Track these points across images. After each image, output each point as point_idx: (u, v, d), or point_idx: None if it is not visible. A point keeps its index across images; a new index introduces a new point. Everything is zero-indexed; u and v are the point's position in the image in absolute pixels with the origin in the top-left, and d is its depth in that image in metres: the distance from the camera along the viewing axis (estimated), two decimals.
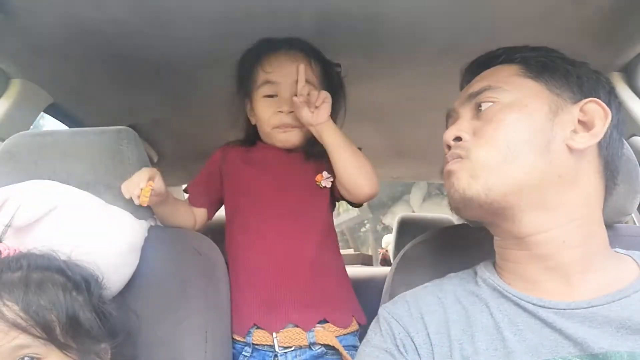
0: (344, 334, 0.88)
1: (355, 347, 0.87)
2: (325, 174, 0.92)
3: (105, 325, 0.62)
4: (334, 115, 0.93)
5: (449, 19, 0.85)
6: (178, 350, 0.71)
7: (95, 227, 0.72)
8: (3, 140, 0.90)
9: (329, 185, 0.92)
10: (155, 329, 0.72)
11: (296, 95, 0.88)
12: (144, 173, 0.77)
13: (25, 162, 0.80)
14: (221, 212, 1.01)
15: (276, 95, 0.91)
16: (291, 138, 0.92)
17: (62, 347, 0.57)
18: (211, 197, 0.97)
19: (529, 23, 0.85)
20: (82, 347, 0.59)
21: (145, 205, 0.76)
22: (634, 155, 0.72)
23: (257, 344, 0.85)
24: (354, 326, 0.90)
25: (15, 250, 0.63)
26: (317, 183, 0.92)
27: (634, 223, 1.09)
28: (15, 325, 0.54)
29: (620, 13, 0.82)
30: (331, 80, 0.95)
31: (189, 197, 0.97)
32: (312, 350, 0.84)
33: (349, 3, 0.82)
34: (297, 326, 0.84)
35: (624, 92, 0.99)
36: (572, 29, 0.87)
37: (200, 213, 0.96)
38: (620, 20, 0.84)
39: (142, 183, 0.75)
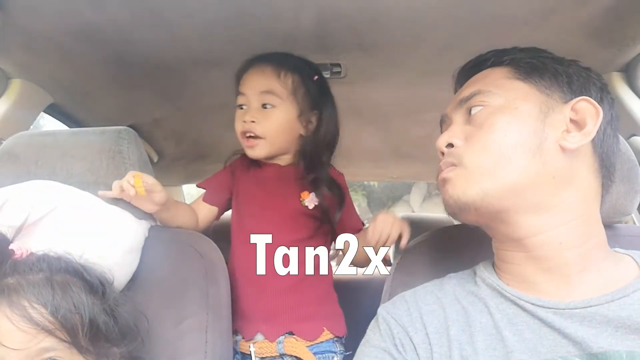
0: (318, 342, 0.90)
1: (332, 352, 0.90)
2: (312, 195, 0.93)
3: (119, 328, 0.62)
4: (319, 128, 0.95)
5: (448, 18, 0.85)
6: (178, 350, 0.71)
7: (96, 228, 0.72)
8: (3, 140, 0.91)
9: (311, 206, 0.93)
10: (156, 329, 0.72)
11: (264, 106, 0.92)
12: (129, 174, 0.78)
13: (25, 162, 0.80)
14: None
15: (245, 106, 0.94)
16: (257, 152, 0.94)
17: (83, 350, 0.57)
18: (224, 198, 0.99)
19: (529, 23, 0.85)
20: (99, 350, 0.59)
21: (144, 193, 0.76)
22: (633, 155, 0.72)
23: (243, 352, 0.89)
24: (326, 336, 0.91)
25: (27, 250, 0.63)
26: (301, 200, 0.94)
27: (634, 223, 1.09)
28: (43, 329, 0.54)
29: (620, 13, 0.82)
30: (310, 91, 0.94)
31: (204, 194, 0.99)
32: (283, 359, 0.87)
33: (349, 4, 0.82)
34: (264, 336, 0.88)
35: (624, 92, 0.99)
36: (572, 29, 0.87)
37: (211, 211, 0.98)
38: (620, 20, 0.84)
39: (131, 180, 0.76)
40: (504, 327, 0.54)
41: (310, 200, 0.93)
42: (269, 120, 0.92)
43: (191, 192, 2.25)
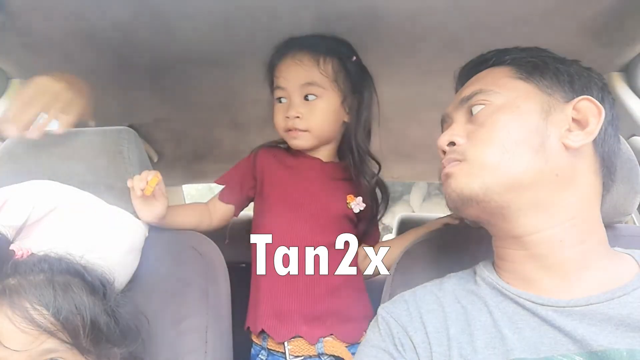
0: (356, 343, 0.88)
1: None
2: (359, 199, 0.91)
3: (120, 329, 0.62)
4: (360, 112, 0.92)
5: (449, 18, 0.85)
6: (178, 350, 0.71)
7: (96, 228, 0.72)
8: (3, 140, 0.90)
9: (357, 210, 0.91)
10: (156, 329, 0.72)
11: (305, 97, 0.88)
12: (151, 171, 0.79)
13: (25, 162, 0.79)
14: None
15: (286, 99, 0.91)
16: (302, 143, 0.90)
17: (84, 351, 0.57)
18: (241, 196, 0.96)
19: (529, 23, 0.85)
20: (100, 351, 0.59)
21: (150, 194, 0.76)
22: (634, 155, 0.72)
23: (271, 349, 0.86)
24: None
25: (27, 251, 0.63)
26: (347, 203, 0.91)
27: (634, 223, 1.09)
28: (45, 330, 0.54)
29: (620, 13, 0.82)
30: (350, 75, 0.92)
31: (220, 192, 0.96)
32: (320, 359, 0.85)
33: (349, 4, 0.82)
34: (304, 338, 0.85)
35: (624, 92, 0.98)
36: (572, 29, 0.87)
37: (228, 209, 0.95)
38: (620, 20, 0.84)
39: (149, 176, 0.77)
40: (504, 326, 0.54)
41: (356, 204, 0.91)
42: (313, 113, 0.88)
43: (191, 192, 2.24)
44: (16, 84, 1.00)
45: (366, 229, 0.97)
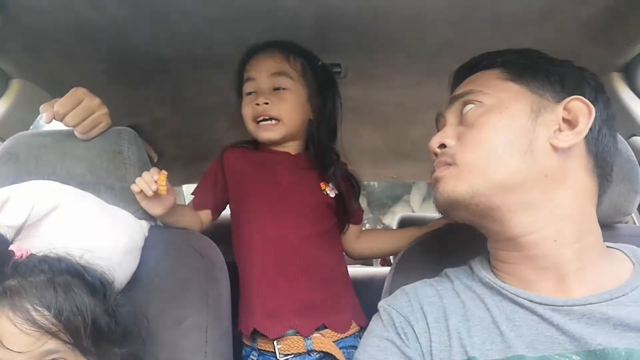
0: (343, 337, 0.89)
1: (355, 347, 0.88)
2: (331, 185, 0.94)
3: (120, 329, 0.62)
4: (325, 111, 0.96)
5: (448, 18, 0.85)
6: (178, 350, 0.71)
7: (96, 228, 0.72)
8: (3, 140, 0.90)
9: (332, 195, 0.94)
10: (156, 329, 0.72)
11: (276, 88, 0.91)
12: (153, 170, 0.78)
13: (25, 162, 0.79)
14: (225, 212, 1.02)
15: (255, 93, 0.93)
16: (273, 135, 0.93)
17: (85, 352, 0.57)
18: (215, 199, 0.97)
19: (529, 23, 0.85)
20: (100, 351, 0.59)
21: (165, 192, 0.76)
22: (634, 155, 0.72)
23: (262, 349, 0.87)
24: (354, 329, 0.90)
25: (27, 251, 0.62)
26: (322, 190, 0.93)
27: (634, 223, 1.09)
28: (46, 331, 0.54)
29: (620, 13, 0.82)
30: (317, 75, 0.96)
31: (192, 201, 0.98)
32: (310, 356, 0.86)
33: (349, 4, 0.82)
34: (297, 332, 0.86)
35: (624, 92, 0.98)
36: (572, 29, 0.87)
37: (204, 215, 0.96)
38: (620, 20, 0.84)
39: (155, 176, 0.76)
40: (502, 323, 0.54)
41: (331, 190, 0.94)
42: (283, 101, 0.91)
43: (191, 192, 2.24)
44: (16, 84, 1.00)
45: (347, 211, 0.98)
